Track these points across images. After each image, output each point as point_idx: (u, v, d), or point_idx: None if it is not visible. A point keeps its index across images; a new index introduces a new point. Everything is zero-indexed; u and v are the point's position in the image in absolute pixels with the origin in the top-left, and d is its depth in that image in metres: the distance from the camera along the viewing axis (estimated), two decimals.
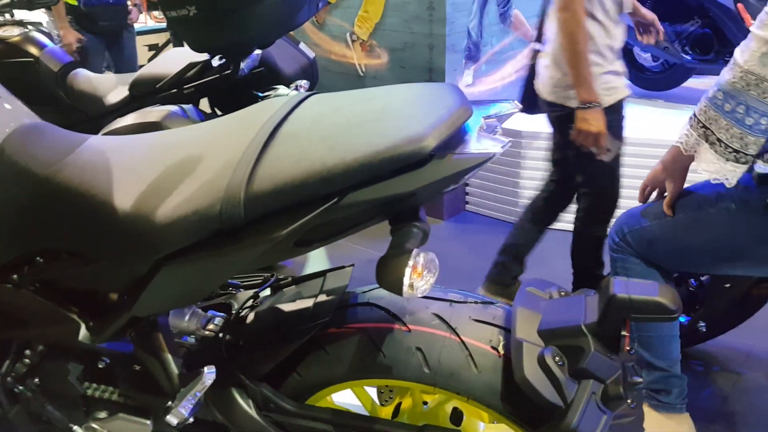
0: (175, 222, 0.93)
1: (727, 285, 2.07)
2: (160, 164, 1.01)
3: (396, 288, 0.88)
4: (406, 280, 0.87)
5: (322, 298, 1.17)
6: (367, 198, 0.88)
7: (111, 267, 1.05)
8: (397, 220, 0.95)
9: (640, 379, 1.04)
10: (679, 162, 1.51)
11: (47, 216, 1.07)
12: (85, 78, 2.68)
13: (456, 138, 0.89)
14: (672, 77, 4.44)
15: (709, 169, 1.40)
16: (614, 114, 2.15)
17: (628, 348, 1.02)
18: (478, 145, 0.90)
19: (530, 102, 2.34)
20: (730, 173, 1.37)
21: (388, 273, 0.89)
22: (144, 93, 2.47)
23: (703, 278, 2.21)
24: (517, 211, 3.38)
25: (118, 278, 1.07)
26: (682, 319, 2.29)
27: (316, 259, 3.06)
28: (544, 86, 2.27)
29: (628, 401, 0.99)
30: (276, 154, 0.93)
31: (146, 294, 1.02)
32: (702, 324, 2.18)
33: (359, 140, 0.89)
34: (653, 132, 3.33)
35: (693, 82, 4.53)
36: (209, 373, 1.07)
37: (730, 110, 1.33)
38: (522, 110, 1.20)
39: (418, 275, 0.88)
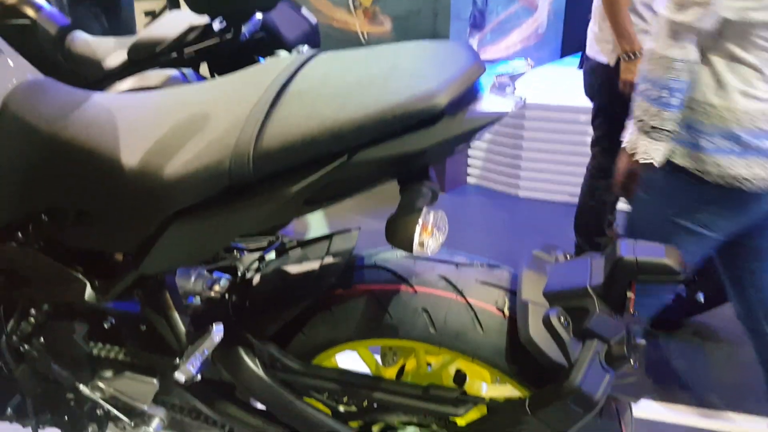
0: (183, 178, 0.92)
1: None
2: (167, 122, 1.01)
3: (406, 246, 0.88)
4: (416, 238, 0.87)
5: (329, 260, 1.17)
6: (377, 156, 0.88)
7: (118, 225, 1.05)
8: (407, 180, 0.95)
9: (644, 342, 1.05)
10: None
11: (53, 173, 1.06)
12: (83, 41, 2.64)
13: (468, 96, 0.89)
14: None
15: (636, 149, 1.44)
16: None
17: (632, 310, 1.03)
18: (490, 103, 0.89)
19: None
20: (654, 152, 1.42)
21: (398, 231, 0.89)
22: (143, 57, 2.44)
23: None
24: (518, 183, 3.39)
25: (125, 236, 1.07)
26: (681, 291, 2.31)
27: (318, 229, 3.06)
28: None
29: (631, 361, 1.00)
30: (285, 112, 0.92)
31: (154, 252, 1.02)
32: (701, 295, 2.20)
33: (370, 97, 0.88)
34: None
35: None
36: (217, 331, 1.08)
37: (644, 90, 1.41)
38: None
39: (428, 233, 0.88)
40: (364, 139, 0.87)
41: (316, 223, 3.14)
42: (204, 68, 2.49)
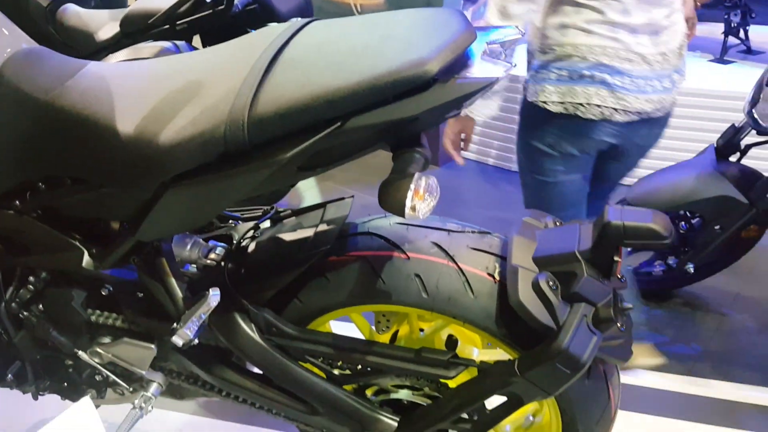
0: (179, 144, 0.94)
1: (717, 227, 2.11)
2: (162, 89, 1.02)
3: (398, 210, 0.90)
4: (408, 202, 0.89)
5: (323, 227, 1.19)
6: (370, 122, 0.89)
7: (115, 192, 1.06)
8: (400, 146, 0.96)
9: (631, 305, 1.08)
10: None
11: (49, 141, 1.07)
12: (74, 14, 2.63)
13: (459, 62, 0.90)
14: None
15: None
16: None
17: (619, 275, 1.05)
18: (481, 69, 0.90)
19: None
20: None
21: (390, 195, 0.91)
22: (135, 29, 2.43)
23: (693, 221, 2.25)
24: (512, 157, 3.39)
25: (122, 203, 1.08)
26: (672, 261, 2.34)
27: (310, 197, 3.09)
28: None
29: (618, 324, 1.03)
30: (278, 79, 0.93)
31: (150, 218, 1.03)
32: (690, 265, 2.23)
33: (363, 65, 0.89)
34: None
35: None
36: (214, 295, 1.10)
37: None
38: None
39: (420, 198, 0.90)
40: (357, 105, 0.89)
41: (310, 197, 3.16)
42: (196, 41, 2.49)
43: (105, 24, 2.54)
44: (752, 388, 1.98)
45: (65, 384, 1.39)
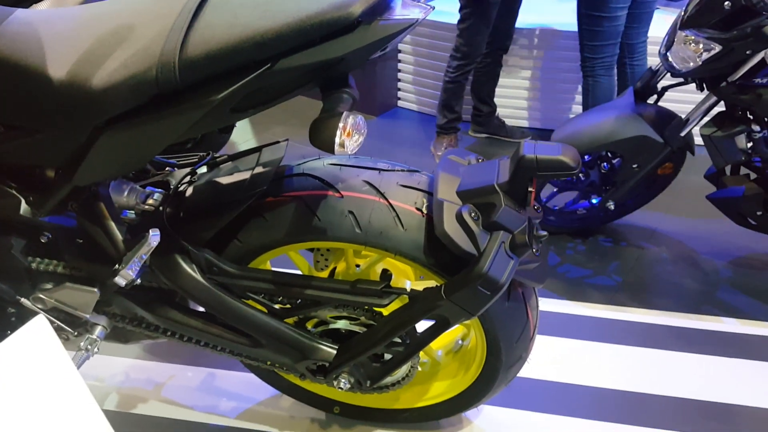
0: (112, 87, 0.96)
1: (635, 166, 2.24)
2: (92, 34, 1.03)
3: (328, 146, 0.96)
4: (337, 139, 0.95)
5: (259, 170, 1.24)
6: (298, 63, 0.94)
7: (49, 138, 1.08)
8: (328, 87, 1.01)
9: (545, 233, 1.18)
10: None
11: None
12: None
13: (382, 4, 0.95)
14: None
15: None
16: None
17: (533, 204, 1.15)
18: (403, 11, 0.96)
19: None
20: None
21: (321, 133, 0.96)
22: None
23: (614, 161, 2.39)
24: None
25: (57, 149, 1.10)
26: (594, 200, 2.48)
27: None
28: None
29: (533, 250, 1.13)
30: (208, 21, 0.96)
31: (86, 162, 1.06)
32: (611, 203, 2.37)
33: (289, 6, 0.93)
34: None
35: None
36: (154, 236, 1.14)
37: None
38: None
39: (348, 135, 0.96)
40: (285, 47, 0.93)
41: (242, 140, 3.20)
42: None
43: None
44: (667, 314, 2.16)
45: (9, 332, 1.41)
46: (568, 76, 3.46)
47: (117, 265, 1.17)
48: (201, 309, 1.33)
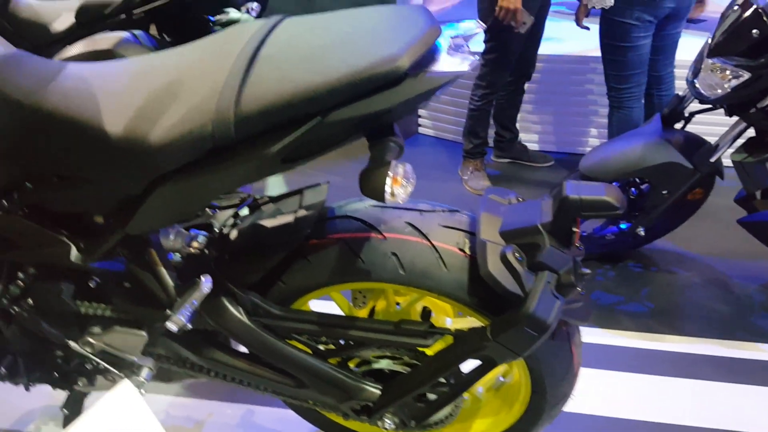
0: (169, 143, 0.99)
1: (665, 192, 2.25)
2: (144, 89, 1.06)
3: (379, 196, 0.98)
4: (387, 189, 0.97)
5: (302, 212, 1.26)
6: (348, 115, 0.96)
7: (103, 189, 1.11)
8: (375, 136, 1.04)
9: (588, 271, 1.19)
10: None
11: (35, 143, 1.10)
12: (27, 6, 2.58)
13: (428, 57, 0.97)
14: None
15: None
16: None
17: (577, 244, 1.16)
18: (448, 63, 0.98)
19: None
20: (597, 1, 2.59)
21: (371, 183, 0.98)
22: (91, 20, 2.41)
23: (642, 187, 2.39)
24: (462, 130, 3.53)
25: (110, 199, 1.13)
26: (623, 225, 2.48)
27: (275, 183, 3.13)
28: None
29: (578, 288, 1.13)
30: (259, 76, 0.99)
31: (141, 212, 1.08)
32: (641, 229, 2.37)
33: (338, 61, 0.96)
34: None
35: None
36: (206, 282, 1.16)
37: None
38: None
39: (398, 184, 0.98)
40: (335, 100, 0.95)
41: (273, 181, 3.21)
42: (152, 29, 2.48)
43: (59, 15, 2.52)
44: (701, 341, 2.14)
45: (56, 374, 1.44)
46: (590, 100, 3.48)
47: (168, 311, 1.19)
48: (244, 349, 1.34)
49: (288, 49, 1.03)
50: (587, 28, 2.85)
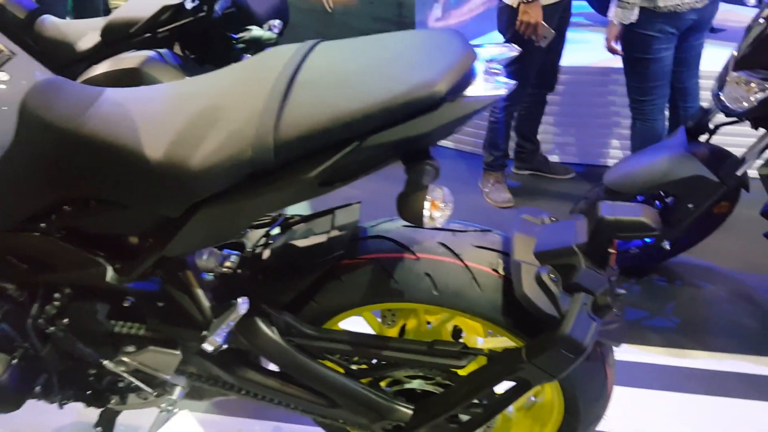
0: (209, 169, 1.00)
1: (690, 205, 2.23)
2: (182, 114, 1.07)
3: (417, 220, 0.99)
4: (426, 213, 0.97)
5: (335, 233, 1.26)
6: (386, 140, 0.97)
7: (141, 212, 1.12)
8: (411, 159, 1.04)
9: (624, 291, 1.18)
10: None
11: (74, 167, 1.12)
12: (53, 25, 2.62)
13: (464, 81, 0.98)
14: None
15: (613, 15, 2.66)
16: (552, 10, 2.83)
17: (613, 265, 1.15)
18: (484, 87, 0.98)
19: None
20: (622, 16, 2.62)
21: (409, 207, 0.99)
22: (117, 38, 2.44)
23: (668, 200, 2.38)
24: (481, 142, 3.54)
25: (148, 222, 1.14)
26: (648, 239, 2.46)
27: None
28: None
29: (614, 310, 1.13)
30: (297, 102, 1.00)
31: (179, 236, 1.09)
32: (666, 243, 2.35)
33: (375, 86, 0.97)
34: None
35: None
36: (243, 304, 1.17)
37: None
38: None
39: (436, 207, 0.99)
40: (373, 125, 0.96)
41: None
42: (176, 47, 2.51)
43: (85, 34, 2.55)
44: (729, 356, 2.11)
45: (89, 392, 1.45)
46: (612, 112, 3.47)
47: (203, 331, 1.20)
48: (275, 367, 1.35)
49: (325, 74, 1.04)
50: (622, 54, 2.79)
